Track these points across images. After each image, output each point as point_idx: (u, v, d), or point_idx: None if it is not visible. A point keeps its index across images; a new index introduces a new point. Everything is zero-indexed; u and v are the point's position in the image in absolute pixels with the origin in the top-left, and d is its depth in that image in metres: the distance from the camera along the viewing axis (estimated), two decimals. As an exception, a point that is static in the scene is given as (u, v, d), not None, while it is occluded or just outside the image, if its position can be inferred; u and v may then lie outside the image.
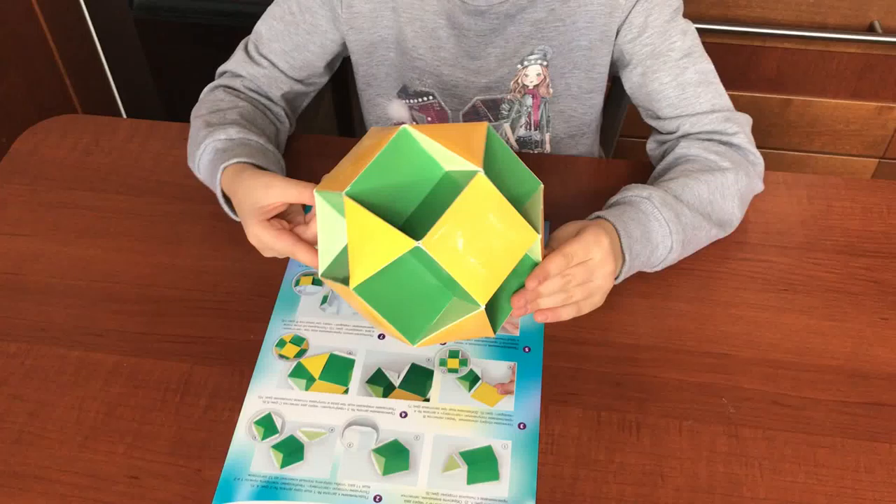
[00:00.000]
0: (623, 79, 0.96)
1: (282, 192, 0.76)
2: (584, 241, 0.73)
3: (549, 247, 0.74)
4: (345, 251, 0.69)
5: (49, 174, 1.00)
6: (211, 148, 0.87)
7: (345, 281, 0.67)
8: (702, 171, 0.86)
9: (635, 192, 0.83)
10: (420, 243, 0.63)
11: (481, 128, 0.68)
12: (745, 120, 0.91)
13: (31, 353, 0.82)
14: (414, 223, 0.67)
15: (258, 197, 0.77)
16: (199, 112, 0.93)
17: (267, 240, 0.76)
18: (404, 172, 0.67)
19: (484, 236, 0.65)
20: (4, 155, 1.03)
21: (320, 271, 0.71)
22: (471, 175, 0.64)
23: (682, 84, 0.90)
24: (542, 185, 0.71)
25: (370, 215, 0.64)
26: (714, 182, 0.85)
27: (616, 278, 0.80)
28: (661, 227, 0.81)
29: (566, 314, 0.74)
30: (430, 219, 0.64)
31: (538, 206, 0.70)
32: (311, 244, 0.76)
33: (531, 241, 0.68)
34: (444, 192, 0.67)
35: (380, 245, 0.64)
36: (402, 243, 0.63)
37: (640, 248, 0.80)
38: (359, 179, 0.65)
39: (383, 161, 0.65)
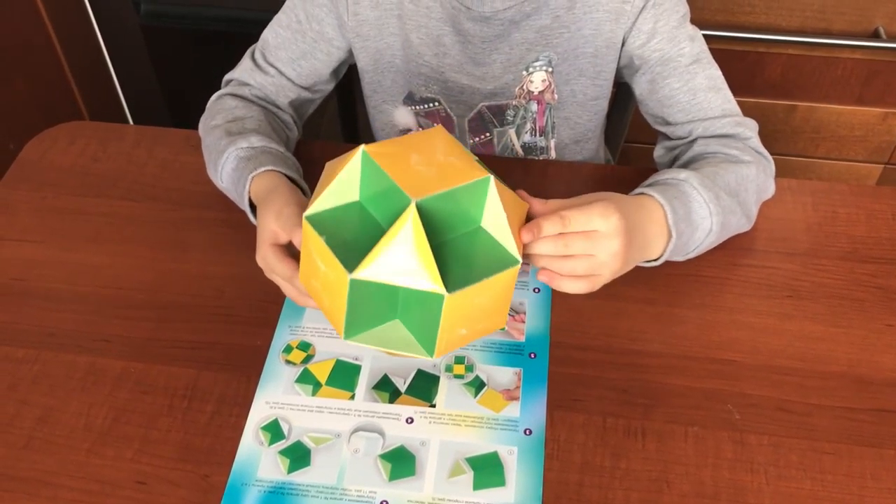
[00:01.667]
0: (632, 85, 0.97)
1: (286, 222, 0.76)
2: (588, 210, 0.71)
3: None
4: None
5: (56, 181, 1.00)
6: (234, 157, 0.87)
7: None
8: (725, 163, 0.86)
9: (671, 175, 0.82)
10: (362, 147, 0.66)
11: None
12: (754, 125, 0.92)
13: (39, 358, 0.82)
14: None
15: (269, 221, 0.77)
16: (214, 121, 0.93)
17: (271, 262, 0.77)
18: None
19: (430, 157, 0.67)
20: (12, 162, 1.03)
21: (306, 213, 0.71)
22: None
23: (693, 89, 0.90)
24: (491, 178, 0.66)
25: (338, 167, 0.68)
26: (739, 173, 0.85)
27: (658, 259, 0.80)
28: (701, 207, 0.80)
29: (568, 286, 0.72)
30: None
31: (497, 197, 0.67)
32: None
33: (480, 176, 0.65)
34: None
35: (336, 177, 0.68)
36: (350, 155, 0.67)
37: (684, 227, 0.79)
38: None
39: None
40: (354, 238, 0.66)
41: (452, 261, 0.66)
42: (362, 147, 0.66)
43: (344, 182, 0.68)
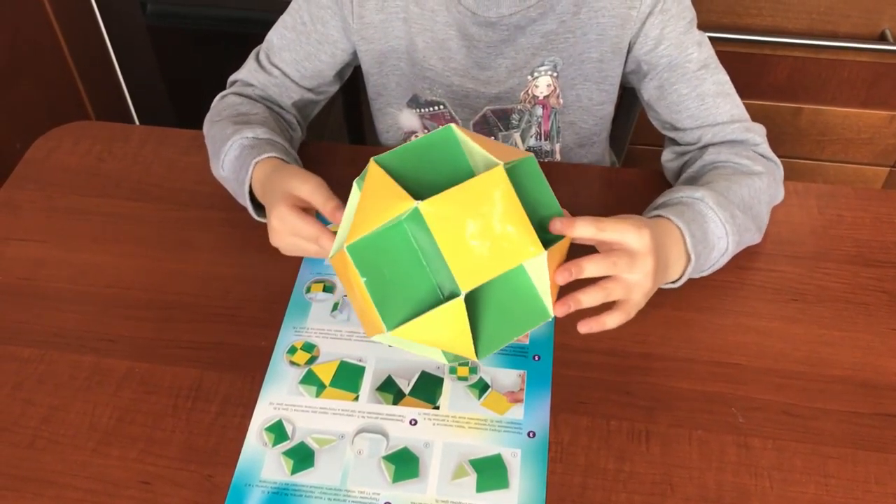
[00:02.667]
0: (640, 90, 0.97)
1: (313, 189, 0.75)
2: (623, 220, 0.70)
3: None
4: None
5: (62, 181, 1.01)
6: (238, 145, 0.87)
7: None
8: (738, 175, 0.86)
9: (686, 193, 0.82)
10: (419, 203, 0.61)
11: (523, 155, 0.67)
12: (762, 130, 0.92)
13: (45, 358, 0.82)
14: None
15: (294, 185, 0.76)
16: (219, 116, 0.94)
17: (292, 221, 0.75)
18: (436, 165, 0.66)
19: (487, 226, 0.63)
20: (18, 161, 1.04)
21: (330, 255, 0.71)
22: (493, 164, 0.63)
23: (702, 95, 0.90)
24: (544, 255, 0.65)
25: (387, 178, 0.63)
26: (752, 186, 0.85)
27: (677, 281, 0.80)
28: (717, 227, 0.80)
29: (611, 321, 0.71)
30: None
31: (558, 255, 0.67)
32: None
33: (534, 253, 0.64)
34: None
35: (383, 205, 0.64)
36: (402, 203, 0.62)
37: (702, 249, 0.79)
38: (390, 153, 0.65)
39: (420, 146, 0.66)
40: (395, 277, 0.66)
41: (488, 310, 0.67)
42: (417, 205, 0.61)
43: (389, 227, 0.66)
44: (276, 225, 0.77)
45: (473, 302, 0.66)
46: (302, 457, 0.74)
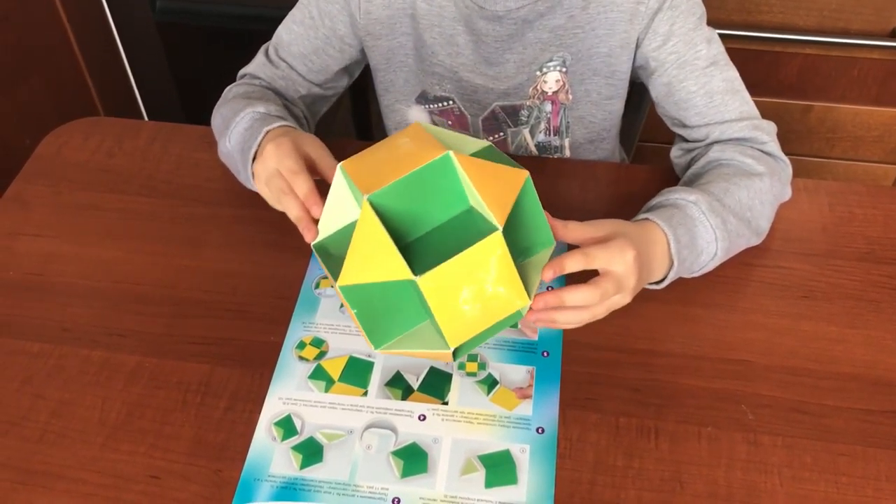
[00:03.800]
0: (649, 86, 0.96)
1: (321, 154, 0.80)
2: (609, 249, 0.72)
3: (573, 234, 0.75)
4: (343, 231, 0.71)
5: (72, 176, 1.01)
6: (250, 117, 0.88)
7: (332, 262, 0.69)
8: (739, 175, 0.86)
9: (681, 195, 0.82)
10: (417, 278, 0.63)
11: (521, 177, 0.68)
12: (772, 128, 0.91)
13: (55, 352, 0.83)
14: (420, 246, 0.68)
15: (306, 141, 0.81)
16: (234, 96, 0.95)
17: (285, 151, 0.78)
18: (431, 195, 0.67)
19: (480, 290, 0.66)
20: (29, 157, 1.04)
21: (314, 241, 0.73)
22: (490, 230, 0.64)
23: (710, 92, 0.90)
24: (554, 245, 0.72)
25: (382, 231, 0.64)
26: (753, 187, 0.85)
27: (660, 282, 0.81)
28: (707, 232, 0.80)
29: (562, 319, 0.73)
30: (438, 248, 0.65)
31: (542, 263, 0.71)
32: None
33: (521, 306, 0.68)
34: (462, 225, 0.68)
35: (379, 262, 0.65)
36: (399, 271, 0.63)
37: (687, 254, 0.79)
38: (385, 189, 0.65)
39: (416, 178, 0.65)
40: (386, 307, 0.69)
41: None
42: (416, 279, 0.62)
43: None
44: (270, 149, 0.79)
45: None
46: (311, 452, 0.74)
